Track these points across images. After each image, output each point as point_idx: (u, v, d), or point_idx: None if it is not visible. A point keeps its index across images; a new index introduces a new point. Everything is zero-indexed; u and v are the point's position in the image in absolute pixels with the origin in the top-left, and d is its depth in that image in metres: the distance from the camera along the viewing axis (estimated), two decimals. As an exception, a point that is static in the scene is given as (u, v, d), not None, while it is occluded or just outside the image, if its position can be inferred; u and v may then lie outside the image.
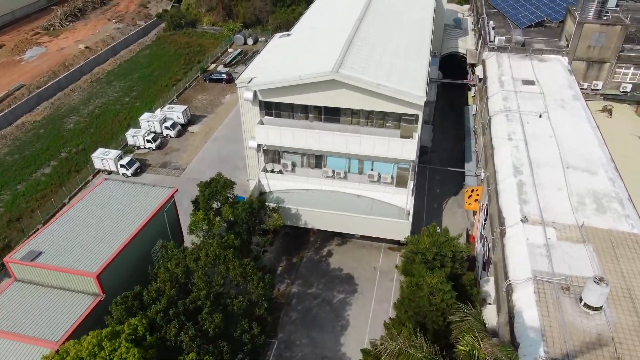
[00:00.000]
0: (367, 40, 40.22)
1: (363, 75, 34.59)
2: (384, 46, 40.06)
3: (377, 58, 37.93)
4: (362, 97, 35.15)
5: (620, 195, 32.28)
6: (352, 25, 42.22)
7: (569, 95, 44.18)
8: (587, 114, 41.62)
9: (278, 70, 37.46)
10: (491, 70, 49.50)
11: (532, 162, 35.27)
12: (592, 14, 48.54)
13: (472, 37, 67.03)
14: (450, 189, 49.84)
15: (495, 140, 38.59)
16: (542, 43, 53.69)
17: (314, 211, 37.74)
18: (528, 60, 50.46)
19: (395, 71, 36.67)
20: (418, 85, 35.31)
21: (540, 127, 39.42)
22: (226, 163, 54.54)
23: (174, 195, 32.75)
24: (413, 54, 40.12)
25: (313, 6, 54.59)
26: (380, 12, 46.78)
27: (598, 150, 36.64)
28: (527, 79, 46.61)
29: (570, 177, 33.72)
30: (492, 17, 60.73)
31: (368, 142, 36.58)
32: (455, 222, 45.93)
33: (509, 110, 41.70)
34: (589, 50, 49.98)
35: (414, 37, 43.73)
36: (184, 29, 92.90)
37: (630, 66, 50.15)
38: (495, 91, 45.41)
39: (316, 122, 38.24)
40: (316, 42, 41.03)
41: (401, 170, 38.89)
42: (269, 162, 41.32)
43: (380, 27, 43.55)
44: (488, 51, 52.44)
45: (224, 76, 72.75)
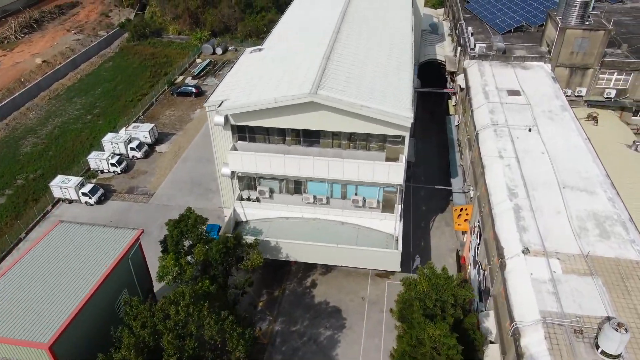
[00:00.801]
0: (345, 54, 37.41)
1: (344, 96, 31.78)
2: (364, 60, 37.33)
3: (357, 74, 35.18)
4: (344, 119, 32.36)
5: (622, 217, 30.34)
6: (329, 38, 39.37)
7: (557, 105, 42.37)
8: (576, 125, 39.83)
9: (251, 90, 34.32)
10: (474, 80, 47.43)
11: (526, 182, 33.09)
12: (574, 19, 46.96)
13: (450, 42, 65.13)
14: (436, 205, 47.54)
15: (485, 159, 36.32)
16: (524, 49, 51.96)
17: (295, 243, 34.74)
18: (511, 68, 48.59)
19: (378, 89, 33.99)
20: (404, 104, 32.71)
21: (531, 142, 37.36)
22: (198, 186, 51.05)
23: (139, 238, 29.29)
24: (395, 68, 37.52)
25: (285, 16, 51.56)
26: (357, 22, 44.06)
27: (593, 166, 34.74)
28: (512, 89, 44.64)
29: (568, 198, 31.65)
30: (470, 22, 58.86)
31: (351, 166, 33.81)
32: (444, 242, 43.62)
33: (496, 125, 39.55)
34: (572, 57, 48.43)
35: (394, 48, 41.15)
36: (149, 38, 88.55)
37: (614, 71, 48.82)
38: (480, 103, 43.27)
39: (294, 145, 35.25)
40: (290, 58, 37.99)
41: (387, 193, 36.27)
42: (244, 189, 38.14)
43: (359, 39, 40.82)
44: (469, 59, 50.40)
45: (193, 89, 69.01)
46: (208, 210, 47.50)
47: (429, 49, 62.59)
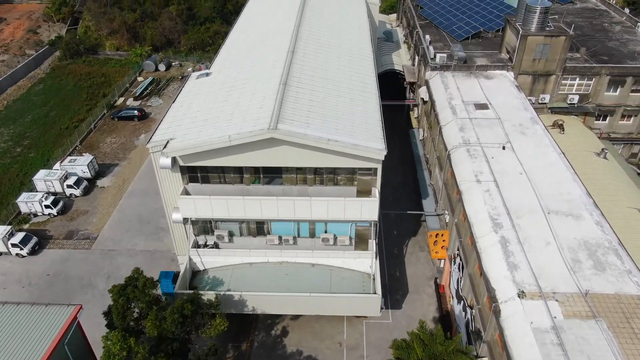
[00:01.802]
0: (304, 77, 33.78)
1: (308, 129, 28.17)
2: (325, 84, 33.84)
3: (319, 101, 31.64)
4: (309, 154, 28.77)
5: (613, 243, 28.34)
6: (284, 58, 35.61)
7: (526, 118, 40.48)
8: (549, 139, 38.01)
9: (200, 127, 30.11)
10: (438, 93, 45.01)
11: (509, 209, 30.64)
12: (534, 25, 45.42)
13: (406, 50, 62.84)
14: (408, 228, 44.75)
15: (462, 184, 33.70)
16: (484, 57, 50.13)
17: (263, 295, 30.82)
18: (474, 79, 46.53)
19: (345, 117, 30.60)
20: (374, 134, 29.48)
21: (507, 161, 35.10)
22: (147, 224, 46.04)
23: (77, 317, 24.48)
24: (360, 91, 34.26)
25: (233, 31, 47.29)
26: (313, 38, 40.50)
27: (574, 186, 32.79)
28: (479, 102, 42.47)
29: (555, 225, 29.40)
30: (426, 29, 56.68)
31: (320, 205, 30.30)
32: (421, 270, 40.84)
33: (468, 143, 37.10)
34: (534, 64, 46.93)
35: (355, 66, 37.93)
36: (84, 56, 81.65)
37: (576, 77, 47.72)
38: (448, 119, 40.78)
39: (254, 184, 31.30)
40: (243, 84, 33.97)
41: (360, 229, 32.95)
42: (199, 234, 33.81)
43: (316, 58, 37.27)
44: (430, 70, 48.01)
45: (136, 112, 63.40)
46: (160, 252, 42.90)
47: (386, 58, 59.97)
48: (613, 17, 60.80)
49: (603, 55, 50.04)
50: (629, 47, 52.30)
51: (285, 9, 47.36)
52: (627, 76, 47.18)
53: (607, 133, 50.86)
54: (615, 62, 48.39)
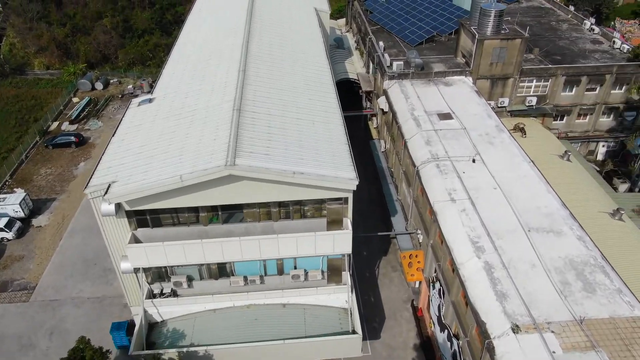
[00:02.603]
0: (259, 100, 30.76)
1: (270, 161, 25.24)
2: (283, 107, 30.94)
3: (279, 127, 28.74)
4: (273, 187, 25.87)
5: (598, 259, 27.13)
6: (235, 79, 32.43)
7: (492, 126, 39.20)
8: (517, 148, 36.84)
9: (147, 165, 26.52)
10: (398, 104, 43.12)
11: (489, 230, 28.90)
12: (489, 29, 44.40)
13: (359, 57, 60.85)
14: (378, 247, 42.59)
15: (435, 204, 31.74)
16: (440, 63, 48.82)
17: (230, 348, 27.59)
18: (433, 86, 44.98)
19: (309, 144, 27.87)
20: (343, 161, 26.93)
21: (479, 176, 33.49)
22: (93, 266, 41.54)
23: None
24: (322, 112, 31.62)
25: (176, 47, 43.38)
26: (265, 53, 37.45)
27: (550, 199, 31.55)
28: (442, 112, 40.85)
29: (538, 244, 27.89)
30: (378, 35, 54.90)
31: (288, 242, 27.45)
32: (395, 293, 38.73)
33: (437, 158, 35.28)
34: (492, 68, 45.98)
35: (312, 83, 35.25)
36: (10, 77, 74.68)
37: (533, 79, 47.17)
38: (412, 132, 38.88)
39: (213, 224, 28.01)
40: (192, 112, 30.54)
41: (333, 260, 30.33)
42: (154, 282, 30.12)
43: (271, 77, 34.25)
44: (388, 79, 46.09)
45: (73, 138, 58.01)
46: (110, 298, 38.63)
47: (339, 66, 57.67)
48: (559, 15, 61.31)
49: (556, 55, 49.90)
50: (579, 45, 52.53)
51: (231, 21, 44.05)
52: (581, 76, 47.10)
53: (565, 132, 50.78)
54: (569, 62, 48.30)
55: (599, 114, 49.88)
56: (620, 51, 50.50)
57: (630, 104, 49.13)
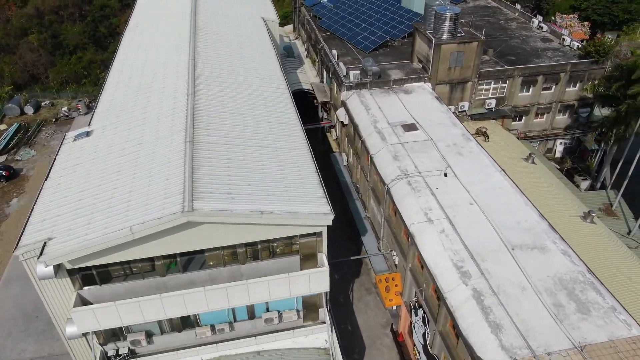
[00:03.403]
0: (214, 129, 27.63)
1: (233, 201, 22.32)
2: (242, 133, 27.92)
3: (239, 157, 25.79)
4: (239, 229, 22.94)
5: (586, 275, 25.99)
6: (184, 106, 29.10)
7: (458, 135, 37.81)
8: (487, 157, 35.58)
9: (88, 214, 22.90)
10: (359, 116, 41.04)
11: (472, 252, 27.20)
12: (446, 33, 43.12)
13: (311, 66, 58.43)
14: (349, 268, 40.37)
15: (411, 226, 29.77)
16: (397, 69, 47.17)
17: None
18: (393, 95, 43.22)
19: (274, 174, 25.11)
20: (314, 193, 24.41)
21: (453, 191, 31.85)
22: (36, 320, 36.93)
23: None
24: (284, 136, 28.88)
25: (114, 68, 39.12)
26: (215, 72, 34.10)
27: (529, 211, 30.34)
28: (405, 122, 39.07)
29: (523, 263, 26.44)
30: (330, 42, 52.69)
31: (260, 287, 24.59)
32: (372, 318, 36.65)
33: (407, 174, 33.39)
34: (450, 72, 44.80)
35: (270, 103, 32.41)
36: None
37: (491, 81, 46.42)
38: (378, 147, 36.86)
39: (172, 274, 24.70)
40: (137, 146, 26.98)
41: (309, 298, 27.72)
42: (108, 342, 26.39)
43: (224, 100, 31.07)
44: (345, 90, 43.93)
45: (2, 172, 52.27)
46: (56, 357, 34.27)
47: (292, 76, 54.96)
48: (506, 14, 61.36)
49: (510, 56, 49.45)
50: (530, 44, 52.44)
51: (173, 36, 40.44)
52: (538, 75, 46.82)
53: (524, 132, 50.53)
54: (523, 62, 47.93)
55: (555, 112, 49.93)
56: (570, 48, 50.71)
57: (584, 101, 49.43)
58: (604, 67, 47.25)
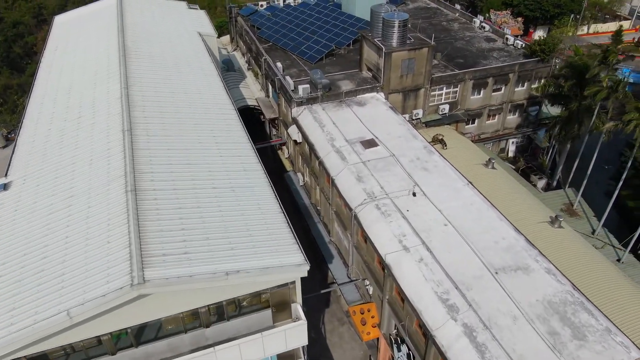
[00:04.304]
0: (160, 172, 23.99)
1: (192, 264, 19.03)
2: (193, 175, 24.42)
3: (193, 206, 22.37)
4: (200, 292, 19.65)
5: (574, 294, 24.76)
6: (121, 146, 25.16)
7: (420, 148, 36.06)
8: (452, 170, 34.02)
9: (12, 295, 18.77)
10: (314, 134, 38.43)
11: (455, 282, 25.31)
12: (395, 40, 41.39)
13: (253, 80, 55.16)
14: (317, 298, 37.53)
15: (387, 256, 27.52)
16: (347, 79, 45.00)
17: None
18: (347, 108, 40.95)
19: (235, 221, 21.95)
20: (283, 240, 21.52)
21: (425, 212, 29.93)
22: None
23: None
24: (239, 171, 25.66)
25: (32, 101, 33.89)
26: (152, 101, 30.04)
27: (505, 227, 28.92)
28: (364, 138, 36.88)
29: (510, 288, 24.86)
30: (272, 54, 49.76)
31: (229, 353, 21.37)
32: (349, 352, 34.18)
33: (374, 197, 31.15)
34: (403, 80, 43.15)
35: (220, 134, 29.00)
36: None
37: (443, 86, 45.27)
38: (338, 167, 34.40)
39: (125, 350, 20.95)
40: (68, 200, 22.84)
41: (284, 353, 24.72)
42: None
43: (168, 135, 27.26)
44: (296, 106, 41.17)
45: None
46: None
47: (235, 92, 51.51)
48: (447, 15, 60.91)
49: (458, 58, 48.61)
50: (475, 45, 51.95)
51: (100, 60, 35.95)
52: (488, 77, 46.17)
53: (477, 135, 49.91)
54: (471, 64, 47.20)
55: (506, 112, 49.66)
56: (514, 47, 50.61)
57: (533, 100, 49.47)
58: (550, 65, 47.39)
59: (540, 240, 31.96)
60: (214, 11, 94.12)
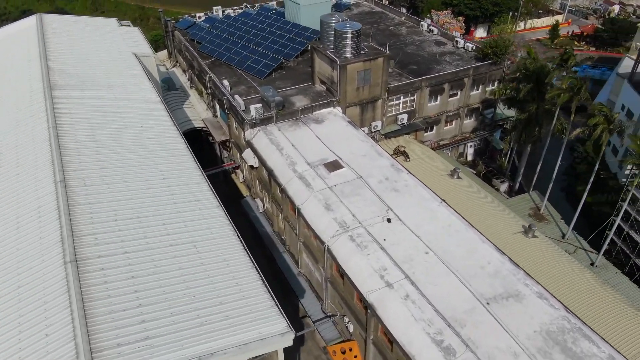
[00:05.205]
0: (105, 232, 20.32)
1: (154, 352, 15.74)
2: (145, 231, 20.91)
3: (147, 272, 18.96)
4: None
5: (571, 320, 23.43)
6: (53, 200, 21.32)
7: (387, 167, 34.05)
8: (424, 188, 32.23)
9: None
10: (272, 159, 35.56)
11: (447, 319, 23.31)
12: (349, 52, 39.19)
13: (198, 99, 51.36)
14: (290, 335, 34.72)
15: (370, 295, 25.19)
16: (300, 95, 42.40)
17: None
18: (304, 127, 38.36)
19: (202, 288, 18.75)
20: (260, 302, 18.59)
21: (403, 240, 27.86)
22: None
23: None
24: (198, 220, 22.39)
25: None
26: (87, 141, 26.24)
27: (488, 249, 27.34)
28: (327, 160, 34.41)
29: (505, 320, 23.20)
30: (216, 70, 46.31)
31: None
32: (331, 394, 31.46)
33: (347, 228, 28.74)
34: (360, 93, 41.08)
35: (170, 175, 25.54)
36: None
37: (400, 95, 43.61)
38: (303, 196, 31.73)
39: None
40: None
41: (266, 420, 21.78)
42: None
43: (110, 183, 23.74)
44: (249, 128, 38.10)
45: None
46: None
47: (179, 114, 47.64)
48: (393, 19, 59.56)
49: (411, 65, 47.19)
50: (426, 49, 50.77)
51: (21, 95, 31.34)
52: (444, 84, 44.98)
53: (436, 142, 48.73)
54: (425, 70, 45.88)
55: (463, 117, 48.76)
56: (465, 50, 49.85)
57: (488, 102, 48.89)
58: (502, 67, 46.91)
59: (520, 256, 30.83)
60: (147, 23, 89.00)
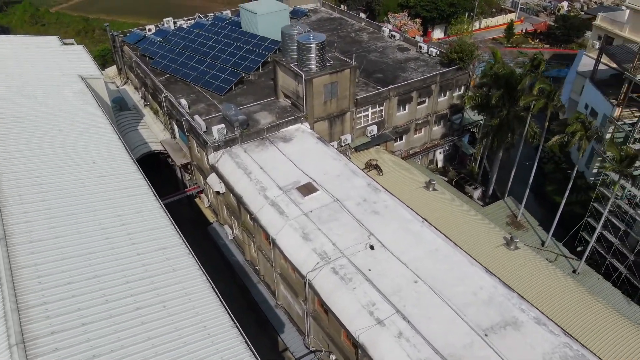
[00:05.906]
0: (53, 296, 17.48)
1: None
2: (103, 289, 18.13)
3: (113, 349, 16.29)
4: None
5: (572, 346, 22.30)
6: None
7: (364, 187, 32.25)
8: (405, 208, 30.58)
9: None
10: (239, 183, 33.13)
11: (446, 357, 21.63)
12: (314, 65, 37.18)
13: (153, 119, 48.05)
14: (271, 372, 32.51)
15: (360, 335, 23.27)
16: (263, 110, 40.13)
17: None
18: (272, 147, 36.09)
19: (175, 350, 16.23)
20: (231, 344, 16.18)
21: (390, 269, 26.08)
22: None
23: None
24: (168, 272, 19.74)
25: None
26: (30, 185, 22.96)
27: (476, 272, 25.97)
28: (299, 183, 32.27)
29: (506, 353, 21.82)
30: (171, 87, 43.39)
31: None
32: None
33: (328, 259, 26.73)
34: (327, 107, 39.19)
35: (129, 223, 22.73)
36: None
37: (368, 107, 42.01)
38: (277, 224, 29.48)
39: None
40: None
41: None
42: None
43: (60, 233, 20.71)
44: (213, 151, 35.48)
45: None
46: None
47: (134, 136, 44.30)
48: (353, 25, 58.03)
49: (377, 73, 45.74)
50: (390, 56, 49.48)
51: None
52: (412, 92, 43.69)
53: (407, 151, 47.47)
54: (391, 78, 44.52)
55: (432, 124, 47.71)
56: (429, 55, 48.82)
57: (455, 108, 48.06)
58: (468, 72, 46.13)
59: (507, 272, 29.91)
60: (92, 35, 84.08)
